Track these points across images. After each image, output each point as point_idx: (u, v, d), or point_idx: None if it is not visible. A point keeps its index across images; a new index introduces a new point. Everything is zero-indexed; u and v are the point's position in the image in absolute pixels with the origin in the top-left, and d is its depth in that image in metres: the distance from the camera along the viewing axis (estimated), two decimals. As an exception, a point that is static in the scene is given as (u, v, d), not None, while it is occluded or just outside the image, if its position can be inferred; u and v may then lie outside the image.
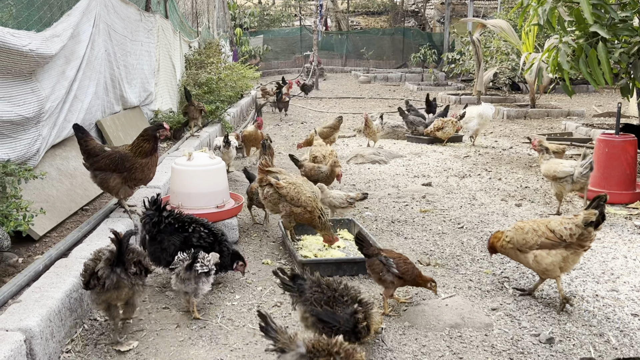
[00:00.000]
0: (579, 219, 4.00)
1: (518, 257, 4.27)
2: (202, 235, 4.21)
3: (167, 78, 10.20)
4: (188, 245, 4.09)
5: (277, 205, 5.09)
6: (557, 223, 4.10)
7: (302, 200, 4.95)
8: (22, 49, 4.50)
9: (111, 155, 4.84)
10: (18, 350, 2.86)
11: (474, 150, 10.20)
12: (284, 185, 5.02)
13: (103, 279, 3.30)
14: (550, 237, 4.06)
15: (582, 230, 3.96)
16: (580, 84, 19.84)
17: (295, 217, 5.03)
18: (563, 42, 7.04)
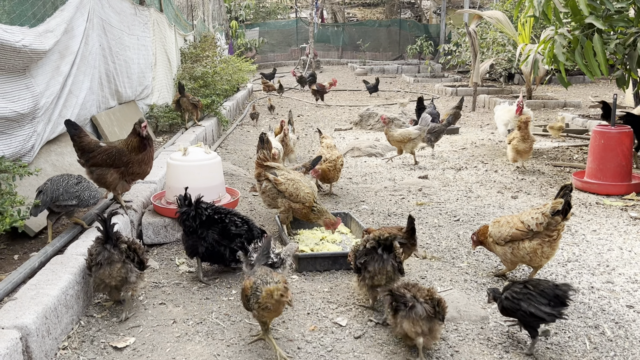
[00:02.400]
0: (547, 208, 4.07)
1: (496, 251, 4.35)
2: (238, 224, 4.34)
3: (162, 72, 10.16)
4: (227, 235, 4.28)
5: (275, 200, 5.10)
6: (527, 214, 4.17)
7: (301, 196, 4.97)
8: (15, 44, 4.47)
9: (108, 150, 4.80)
10: (14, 347, 2.86)
11: (470, 142, 10.20)
12: (283, 182, 5.03)
13: (95, 255, 3.63)
14: (519, 227, 4.14)
15: (549, 219, 4.02)
16: (576, 75, 19.84)
17: (293, 212, 5.06)
18: (559, 33, 7.04)
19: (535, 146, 9.66)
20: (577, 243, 5.26)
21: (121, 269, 3.68)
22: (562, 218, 4.03)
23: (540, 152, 9.29)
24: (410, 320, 3.22)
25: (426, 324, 3.21)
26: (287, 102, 16.05)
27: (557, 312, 3.29)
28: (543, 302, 3.30)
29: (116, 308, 3.94)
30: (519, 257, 4.18)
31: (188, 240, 4.34)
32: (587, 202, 6.52)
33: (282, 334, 3.61)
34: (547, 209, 4.06)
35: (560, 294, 3.30)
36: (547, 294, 3.32)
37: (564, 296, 3.30)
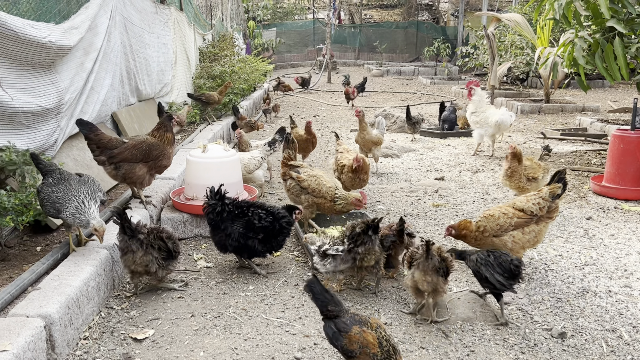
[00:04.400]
0: (544, 193, 4.42)
1: (494, 243, 4.33)
2: (262, 217, 4.40)
3: (181, 71, 10.27)
4: (251, 229, 4.34)
5: (299, 197, 5.24)
6: (523, 202, 4.41)
7: (324, 191, 5.09)
8: (41, 40, 4.57)
9: (137, 145, 4.86)
10: (38, 335, 2.93)
11: (487, 145, 10.16)
12: (305, 178, 5.18)
13: (119, 242, 3.95)
14: (521, 215, 4.34)
15: (550, 203, 4.39)
16: (596, 79, 19.66)
17: (317, 207, 5.18)
18: (579, 36, 7.00)
19: (553, 150, 9.61)
20: (594, 247, 5.23)
21: (143, 257, 3.89)
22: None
23: (558, 156, 9.23)
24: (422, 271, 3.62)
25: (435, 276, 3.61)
26: (303, 103, 16.11)
27: (507, 284, 3.69)
28: (498, 271, 3.71)
29: (135, 301, 4.01)
30: (523, 241, 4.31)
31: (214, 235, 4.45)
32: (605, 206, 6.47)
33: (298, 330, 3.65)
34: (545, 194, 4.41)
35: (513, 268, 3.71)
36: (503, 266, 3.73)
37: (516, 271, 3.70)
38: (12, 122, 4.40)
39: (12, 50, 4.27)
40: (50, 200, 3.82)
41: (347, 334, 2.90)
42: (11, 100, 4.29)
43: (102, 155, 4.78)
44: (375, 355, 2.84)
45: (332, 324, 2.97)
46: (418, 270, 3.67)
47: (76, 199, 3.84)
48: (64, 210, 3.81)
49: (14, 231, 4.42)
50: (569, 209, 6.36)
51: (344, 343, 2.89)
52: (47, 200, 3.84)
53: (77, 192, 3.88)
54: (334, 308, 3.00)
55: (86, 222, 3.81)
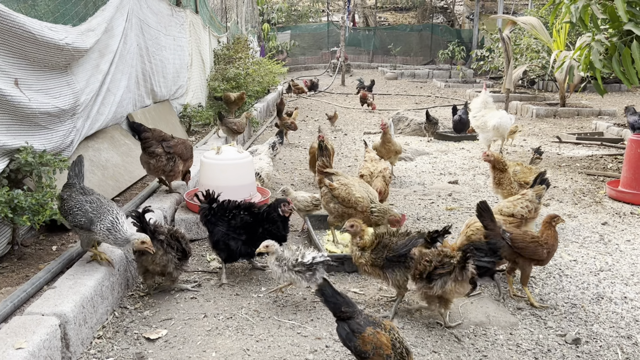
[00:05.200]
0: (531, 196, 4.65)
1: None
2: (244, 218, 4.38)
3: (196, 73, 10.33)
4: (233, 229, 4.32)
5: (329, 204, 5.09)
6: (511, 207, 4.57)
7: (353, 201, 4.89)
8: (59, 42, 4.61)
9: (182, 142, 5.41)
10: (53, 334, 2.96)
11: (502, 149, 10.09)
12: (336, 187, 5.04)
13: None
14: (512, 221, 4.43)
15: (537, 205, 4.62)
16: (612, 83, 19.45)
17: (349, 217, 4.87)
18: (596, 40, 6.94)
19: (568, 154, 9.54)
20: (610, 252, 5.17)
21: (162, 256, 3.91)
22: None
23: (573, 160, 9.15)
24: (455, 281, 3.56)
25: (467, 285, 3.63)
26: (317, 105, 16.12)
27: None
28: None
29: (149, 301, 4.03)
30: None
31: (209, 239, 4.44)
32: (621, 211, 6.40)
33: (310, 332, 3.65)
34: (531, 196, 4.63)
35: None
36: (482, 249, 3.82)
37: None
38: (29, 122, 4.45)
39: (29, 52, 4.32)
40: (83, 210, 3.64)
41: (360, 335, 2.89)
42: (28, 101, 4.33)
43: (159, 147, 5.19)
44: (389, 357, 2.83)
45: (346, 325, 2.97)
46: (451, 280, 3.52)
47: (110, 213, 3.66)
48: (97, 223, 3.60)
49: (30, 230, 4.48)
50: (584, 214, 6.30)
51: (358, 344, 2.89)
52: (79, 209, 3.65)
53: (109, 206, 3.71)
54: (348, 309, 3.00)
55: (123, 239, 3.62)
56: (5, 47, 4.01)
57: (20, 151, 4.18)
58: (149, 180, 6.13)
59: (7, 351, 2.69)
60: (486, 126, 8.93)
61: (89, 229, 3.61)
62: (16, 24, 3.99)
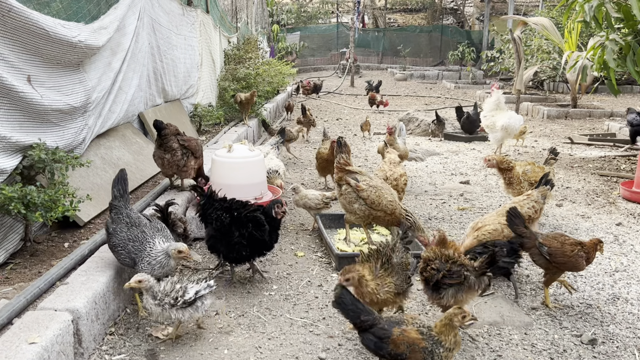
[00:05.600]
0: (537, 197, 4.64)
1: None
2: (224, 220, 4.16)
3: (207, 72, 10.35)
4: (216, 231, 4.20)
5: (352, 204, 4.92)
6: (519, 208, 4.32)
7: (383, 204, 4.77)
8: (71, 40, 4.62)
9: (195, 140, 5.48)
10: (66, 329, 2.96)
11: (513, 149, 10.03)
12: (365, 188, 4.86)
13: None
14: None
15: (542, 205, 4.65)
16: (625, 84, 19.28)
17: (373, 219, 4.92)
18: (610, 39, 6.87)
19: (581, 155, 9.46)
20: (625, 253, 5.11)
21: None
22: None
23: (586, 161, 9.07)
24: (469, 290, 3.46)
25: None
26: (327, 106, 16.11)
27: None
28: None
29: (160, 298, 4.02)
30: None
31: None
32: (635, 212, 6.32)
33: (322, 330, 3.62)
34: (537, 197, 4.63)
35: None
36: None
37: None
38: (42, 119, 4.46)
39: (43, 49, 4.33)
40: (127, 250, 3.55)
41: (390, 339, 2.80)
42: (40, 98, 4.34)
43: (175, 142, 5.24)
44: (425, 349, 2.76)
45: (371, 335, 2.87)
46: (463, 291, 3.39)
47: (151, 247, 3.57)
48: (139, 262, 3.53)
49: (42, 227, 4.49)
50: (598, 215, 6.23)
51: (390, 349, 2.79)
52: (123, 249, 3.56)
53: (151, 236, 3.61)
54: (367, 317, 2.91)
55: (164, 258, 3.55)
56: (19, 44, 4.02)
57: (33, 148, 4.19)
58: (160, 179, 6.14)
59: (21, 346, 2.68)
60: (495, 126, 9.02)
61: (133, 267, 3.57)
62: (30, 20, 4.00)
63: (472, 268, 3.42)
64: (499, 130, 8.97)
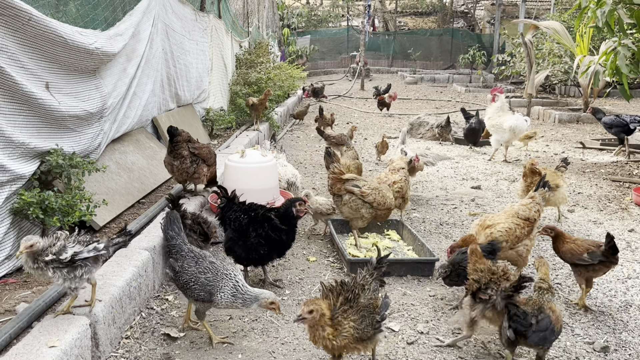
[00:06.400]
0: (539, 199, 4.60)
1: (507, 255, 4.36)
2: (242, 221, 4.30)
3: (219, 77, 10.42)
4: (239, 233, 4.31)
5: (358, 211, 5.07)
6: (525, 210, 4.48)
7: (388, 202, 5.07)
8: (88, 47, 4.70)
9: (206, 147, 5.59)
10: (84, 333, 3.01)
11: (525, 154, 10.01)
12: (369, 192, 5.06)
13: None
14: (527, 224, 4.39)
15: (541, 207, 4.59)
16: (636, 89, 19.16)
17: (376, 218, 5.19)
18: (622, 44, 6.86)
19: (593, 160, 9.43)
20: (637, 260, 5.10)
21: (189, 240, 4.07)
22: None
23: (598, 166, 9.03)
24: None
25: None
26: (337, 110, 16.15)
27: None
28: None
29: (175, 302, 4.08)
30: (530, 247, 4.46)
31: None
32: (648, 218, 6.31)
33: (335, 336, 3.65)
34: (539, 200, 4.58)
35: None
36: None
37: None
38: (59, 125, 4.54)
39: (60, 56, 4.41)
40: (200, 283, 3.37)
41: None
42: (58, 105, 4.42)
43: (185, 149, 5.32)
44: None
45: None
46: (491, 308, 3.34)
47: (229, 278, 3.39)
48: (217, 293, 3.35)
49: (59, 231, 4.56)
50: (610, 221, 6.22)
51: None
52: (195, 283, 3.38)
53: (225, 269, 3.44)
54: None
55: (252, 298, 3.34)
56: (37, 52, 4.10)
57: (50, 153, 4.26)
58: (174, 183, 6.20)
59: (41, 349, 2.73)
60: (502, 126, 9.12)
61: (210, 301, 3.39)
62: (49, 28, 4.08)
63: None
64: (507, 130, 9.06)
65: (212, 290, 3.35)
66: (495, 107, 9.39)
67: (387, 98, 15.04)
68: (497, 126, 9.18)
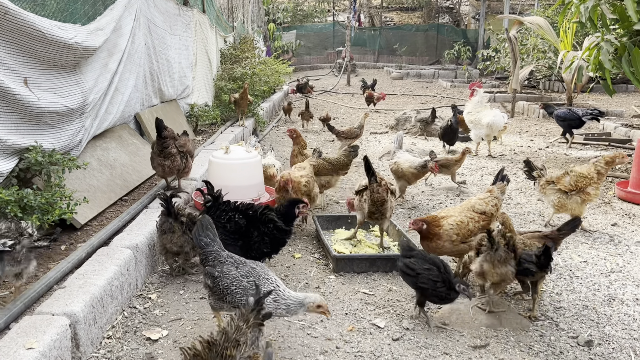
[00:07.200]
0: (497, 193, 4.58)
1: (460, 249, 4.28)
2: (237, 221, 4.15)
3: (203, 72, 10.33)
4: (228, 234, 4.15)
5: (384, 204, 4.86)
6: (482, 204, 4.45)
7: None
8: (68, 41, 4.62)
9: (189, 141, 5.60)
10: (64, 334, 2.95)
11: (509, 149, 10.06)
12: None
13: (159, 223, 4.26)
14: (484, 218, 4.36)
15: (499, 201, 4.56)
16: (619, 84, 19.33)
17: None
18: (605, 40, 6.90)
19: (576, 155, 9.50)
20: (620, 254, 5.14)
21: (180, 237, 4.22)
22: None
23: (581, 160, 9.09)
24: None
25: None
26: (323, 105, 16.10)
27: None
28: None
29: (158, 301, 4.03)
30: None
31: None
32: (630, 212, 6.36)
33: (320, 333, 3.63)
34: (497, 194, 4.57)
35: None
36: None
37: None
38: (38, 122, 4.45)
39: (39, 51, 4.32)
40: (242, 287, 3.18)
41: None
42: (37, 101, 4.34)
43: (174, 147, 5.29)
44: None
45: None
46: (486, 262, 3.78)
47: (269, 282, 3.22)
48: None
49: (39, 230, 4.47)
50: (593, 215, 6.26)
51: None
52: (237, 287, 3.19)
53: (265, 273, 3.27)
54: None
55: (297, 304, 3.18)
56: (15, 46, 4.02)
57: (29, 150, 4.19)
58: (157, 180, 6.13)
59: (19, 351, 2.68)
60: (480, 122, 9.21)
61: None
62: (27, 23, 4.00)
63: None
64: (484, 126, 9.16)
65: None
66: (475, 101, 9.49)
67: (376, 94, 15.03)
68: (475, 122, 9.28)
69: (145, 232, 4.38)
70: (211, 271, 3.29)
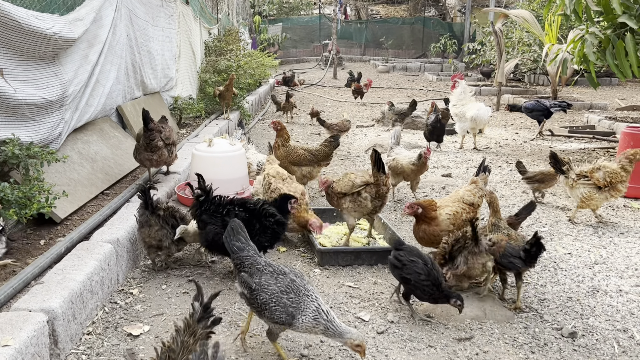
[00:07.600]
0: (481, 185, 4.69)
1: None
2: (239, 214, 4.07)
3: (187, 64, 10.21)
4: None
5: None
6: (470, 195, 4.57)
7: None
8: (45, 32, 4.51)
9: (171, 127, 5.57)
10: (41, 330, 2.89)
11: (495, 142, 10.08)
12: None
13: (138, 216, 4.19)
14: (471, 209, 4.47)
15: (483, 192, 4.63)
16: (603, 77, 19.49)
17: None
18: (590, 32, 6.90)
19: (561, 147, 9.55)
20: (604, 245, 5.16)
21: (158, 231, 4.16)
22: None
23: (566, 153, 9.14)
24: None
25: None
26: (309, 98, 16.03)
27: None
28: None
29: (140, 296, 3.96)
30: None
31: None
32: (614, 204, 6.39)
33: (304, 327, 3.59)
34: (481, 185, 4.68)
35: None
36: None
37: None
38: (15, 114, 4.35)
39: (15, 41, 4.22)
40: (282, 304, 2.96)
41: None
42: (14, 92, 4.24)
43: (160, 140, 5.23)
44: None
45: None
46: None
47: (311, 299, 2.99)
48: (299, 316, 2.95)
49: (17, 224, 4.38)
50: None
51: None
52: (277, 303, 2.97)
53: (306, 289, 3.04)
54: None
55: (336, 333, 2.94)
56: (-10, 36, 3.91)
57: (6, 143, 4.09)
58: (140, 173, 6.04)
59: (-7, 348, 2.61)
60: (464, 116, 9.25)
61: (290, 324, 2.98)
62: (1, 12, 3.88)
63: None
64: (468, 120, 9.19)
65: (294, 312, 2.95)
66: (458, 93, 9.57)
67: (363, 87, 15.00)
68: (460, 115, 9.31)
69: (127, 226, 4.31)
70: (248, 281, 3.08)
